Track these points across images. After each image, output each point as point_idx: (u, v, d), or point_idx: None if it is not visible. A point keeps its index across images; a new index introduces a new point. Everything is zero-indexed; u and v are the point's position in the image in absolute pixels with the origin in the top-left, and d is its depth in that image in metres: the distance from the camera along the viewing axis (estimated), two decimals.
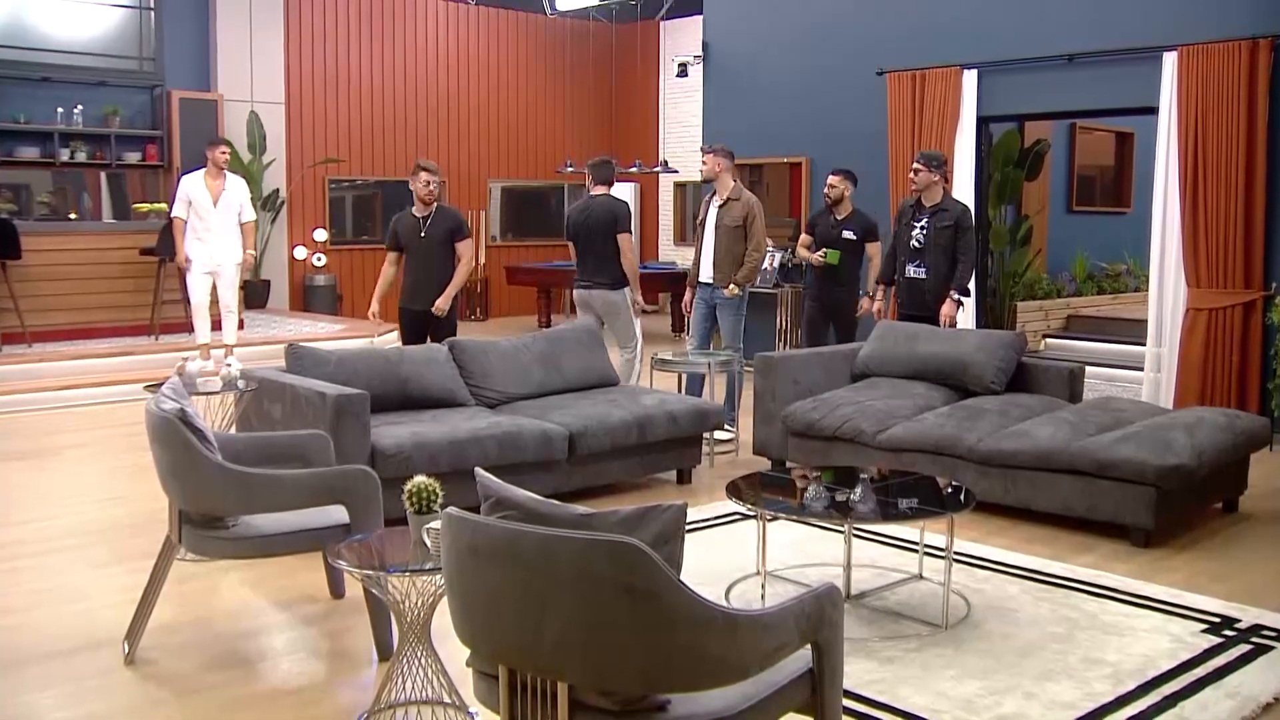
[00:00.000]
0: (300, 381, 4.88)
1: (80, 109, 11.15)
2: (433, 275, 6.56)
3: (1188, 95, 6.87)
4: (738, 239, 6.85)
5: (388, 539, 3.11)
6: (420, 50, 13.86)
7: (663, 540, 2.27)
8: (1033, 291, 10.05)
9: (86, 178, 11.38)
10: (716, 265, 6.95)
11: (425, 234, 6.60)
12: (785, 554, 4.52)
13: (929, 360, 5.90)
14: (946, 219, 6.52)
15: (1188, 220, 6.91)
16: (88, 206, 11.44)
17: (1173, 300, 7.05)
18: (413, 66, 13.80)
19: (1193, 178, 6.88)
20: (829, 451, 5.57)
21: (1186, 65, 6.88)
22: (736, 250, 6.86)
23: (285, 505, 3.47)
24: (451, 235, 6.62)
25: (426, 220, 6.63)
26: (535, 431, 5.08)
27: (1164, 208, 7.06)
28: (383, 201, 14.12)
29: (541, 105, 15.01)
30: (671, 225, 15.44)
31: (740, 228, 6.86)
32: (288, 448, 3.92)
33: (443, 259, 6.60)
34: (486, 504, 2.54)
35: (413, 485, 2.94)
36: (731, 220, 6.86)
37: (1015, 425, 5.16)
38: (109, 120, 11.32)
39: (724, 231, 6.90)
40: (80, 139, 11.15)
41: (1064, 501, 4.86)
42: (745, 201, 6.85)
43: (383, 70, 13.54)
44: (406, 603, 2.84)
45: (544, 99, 15.02)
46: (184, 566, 4.22)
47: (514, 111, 14.76)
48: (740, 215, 6.85)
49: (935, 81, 8.16)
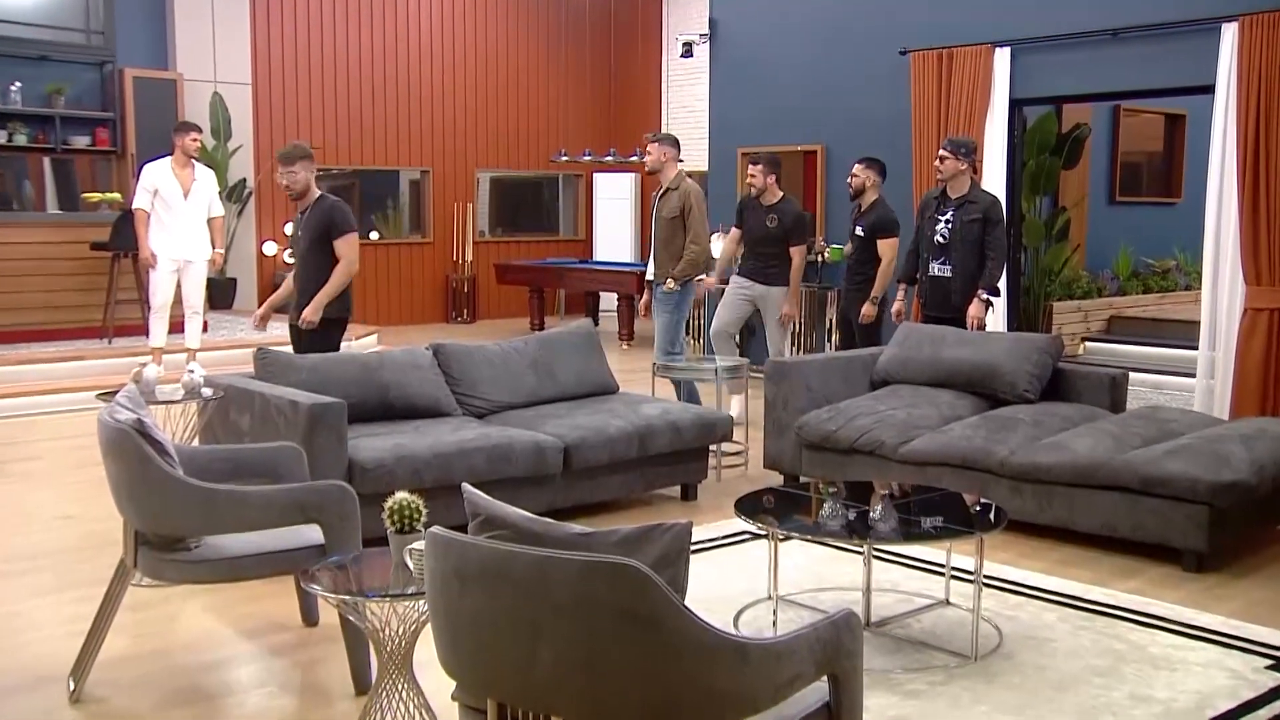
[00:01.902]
0: (270, 389, 4.88)
1: (19, 86, 10.95)
2: (308, 285, 5.88)
3: (1249, 71, 6.80)
4: (675, 231, 6.96)
5: (366, 561, 3.11)
6: (401, 27, 13.89)
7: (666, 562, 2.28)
8: (1070, 290, 10.07)
9: (28, 163, 11.27)
10: (655, 260, 7.11)
11: (298, 234, 6.02)
12: (799, 577, 4.52)
13: (955, 366, 5.91)
14: (974, 211, 6.53)
15: (1246, 211, 6.86)
16: (30, 196, 11.37)
17: (1229, 300, 7.01)
18: (393, 45, 13.83)
19: (1253, 163, 6.82)
20: (846, 465, 5.58)
21: (1248, 37, 6.80)
22: (675, 244, 6.95)
23: (253, 525, 3.48)
24: (325, 234, 5.86)
25: (301, 218, 5.99)
26: (527, 443, 5.08)
27: (1220, 197, 7.01)
28: (360, 192, 14.15)
29: (533, 89, 15.04)
30: None
31: (678, 219, 6.96)
32: (256, 461, 3.93)
33: (317, 265, 5.85)
34: (474, 523, 2.54)
35: (394, 502, 2.94)
36: (669, 211, 6.99)
37: (1051, 437, 5.17)
38: (53, 100, 11.13)
39: (661, 224, 7.05)
40: (20, 120, 10.98)
41: (1106, 521, 4.86)
42: (683, 191, 6.95)
43: (360, 49, 13.57)
44: (386, 631, 2.85)
45: (536, 82, 15.05)
46: (139, 593, 4.21)
47: (503, 96, 14.79)
48: (677, 205, 6.97)
49: (964, 61, 8.18)
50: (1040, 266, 9.73)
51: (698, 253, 6.91)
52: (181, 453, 3.64)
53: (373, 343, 10.50)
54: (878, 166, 7.51)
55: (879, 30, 8.82)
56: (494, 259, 14.46)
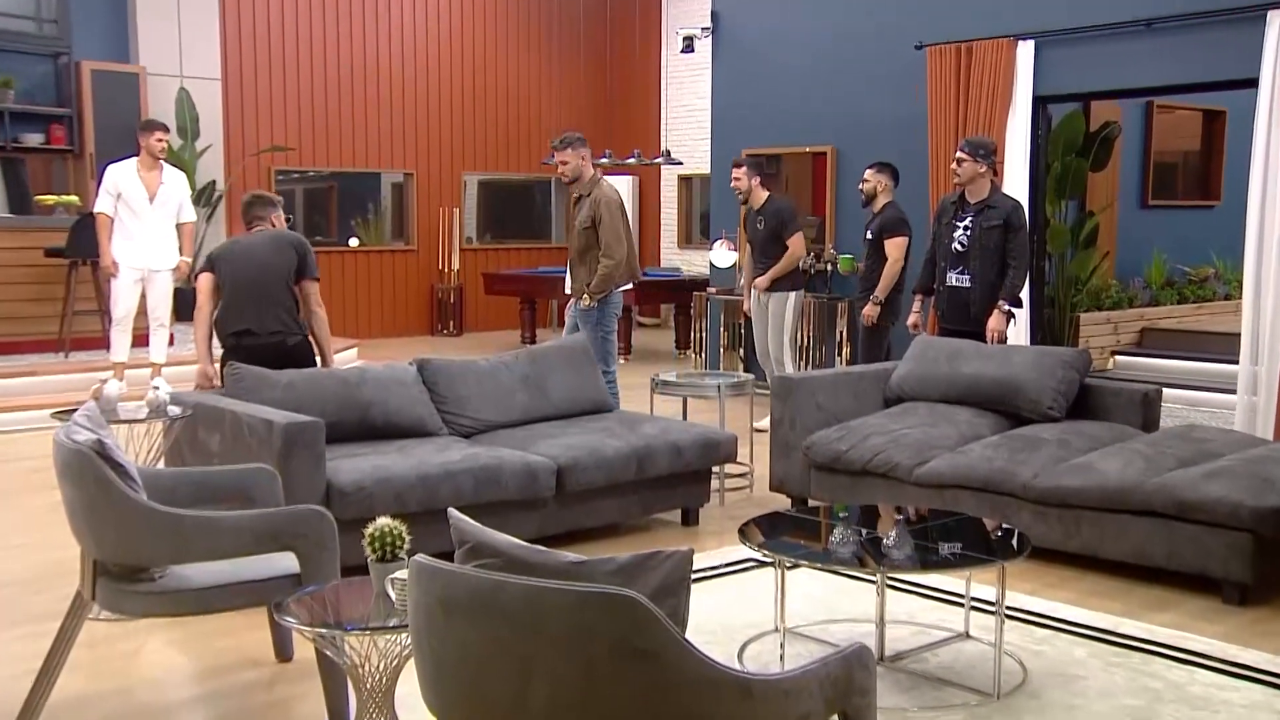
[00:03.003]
0: (242, 407, 4.88)
1: None
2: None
3: None
4: (588, 242, 6.96)
5: (345, 591, 3.12)
6: (383, 20, 13.94)
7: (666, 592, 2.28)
8: (1099, 301, 10.08)
9: None
10: (571, 273, 7.14)
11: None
12: (808, 608, 4.52)
13: (975, 382, 5.93)
14: (994, 217, 6.55)
15: None
16: None
17: (1273, 309, 6.99)
18: (374, 38, 13.89)
19: None
20: (858, 488, 5.59)
21: None
22: (589, 256, 6.96)
23: (223, 553, 3.48)
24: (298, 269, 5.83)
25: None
26: (518, 465, 5.09)
27: (1263, 199, 6.98)
28: (338, 196, 14.20)
29: (524, 86, 15.10)
30: (675, 225, 15.50)
31: (590, 229, 6.95)
32: (227, 485, 3.93)
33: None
34: (461, 550, 2.55)
35: (375, 529, 2.95)
36: (581, 220, 6.99)
37: (1078, 458, 5.17)
38: (1, 94, 11.05)
39: (574, 235, 7.07)
40: None
41: (1138, 549, 4.86)
42: (594, 199, 6.92)
43: (338, 42, 13.62)
44: (366, 666, 2.85)
45: (527, 79, 15.11)
46: (98, 627, 4.20)
47: (492, 93, 14.84)
48: (589, 215, 6.95)
49: (984, 55, 8.21)
50: (1066, 275, 9.75)
51: (610, 267, 6.82)
52: (145, 476, 3.65)
53: (353, 357, 10.50)
54: (889, 171, 7.58)
55: (893, 23, 8.85)
56: (482, 267, 14.48)
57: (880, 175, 7.56)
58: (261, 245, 5.81)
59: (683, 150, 14.17)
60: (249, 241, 5.88)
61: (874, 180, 7.56)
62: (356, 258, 14.09)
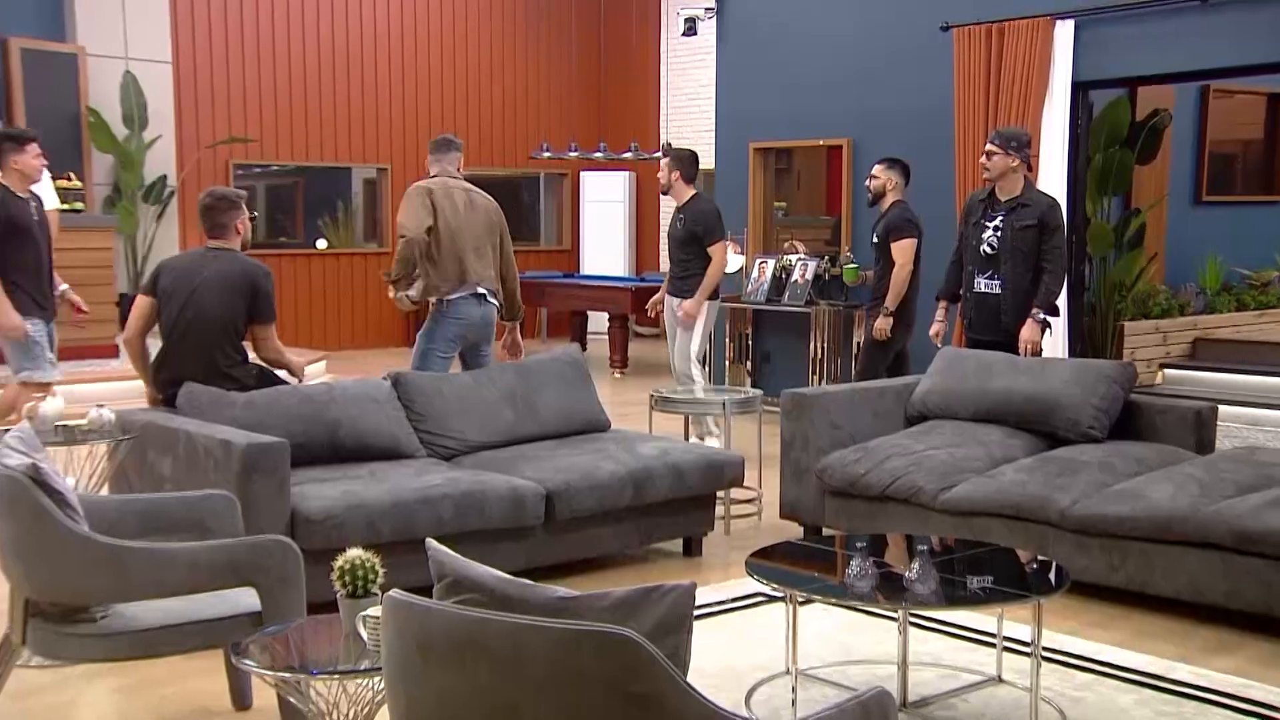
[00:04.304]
0: (197, 426, 4.88)
1: None
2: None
3: None
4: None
5: (311, 631, 3.12)
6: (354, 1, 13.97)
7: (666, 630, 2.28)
8: (1146, 308, 10.07)
9: None
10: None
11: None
12: (822, 648, 4.52)
13: (1006, 398, 5.93)
14: (1028, 216, 6.57)
15: None
16: None
17: None
18: (344, 20, 13.92)
19: None
20: (877, 515, 5.59)
21: None
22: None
23: (175, 589, 3.47)
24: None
25: None
26: (503, 490, 5.09)
27: None
28: (305, 193, 14.21)
29: (509, 73, 15.13)
30: None
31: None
32: (180, 513, 3.92)
33: None
34: (441, 585, 2.55)
35: (344, 561, 2.95)
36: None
37: (1123, 483, 5.18)
38: None
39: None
40: None
41: (1192, 584, 4.84)
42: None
43: (304, 23, 13.65)
44: (335, 714, 2.84)
45: (513, 65, 15.14)
46: (29, 675, 4.15)
47: (475, 81, 14.88)
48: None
49: (1017, 37, 8.22)
50: (1109, 280, 9.75)
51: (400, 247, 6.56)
52: (86, 504, 3.64)
53: (321, 371, 10.50)
54: (900, 167, 7.61)
55: (916, 2, 8.88)
56: None
57: (890, 172, 7.58)
58: (210, 287, 5.37)
59: (684, 143, 14.16)
60: (202, 278, 5.40)
61: (883, 177, 7.58)
62: (325, 261, 14.10)
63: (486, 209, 6.82)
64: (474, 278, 6.58)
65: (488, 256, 6.72)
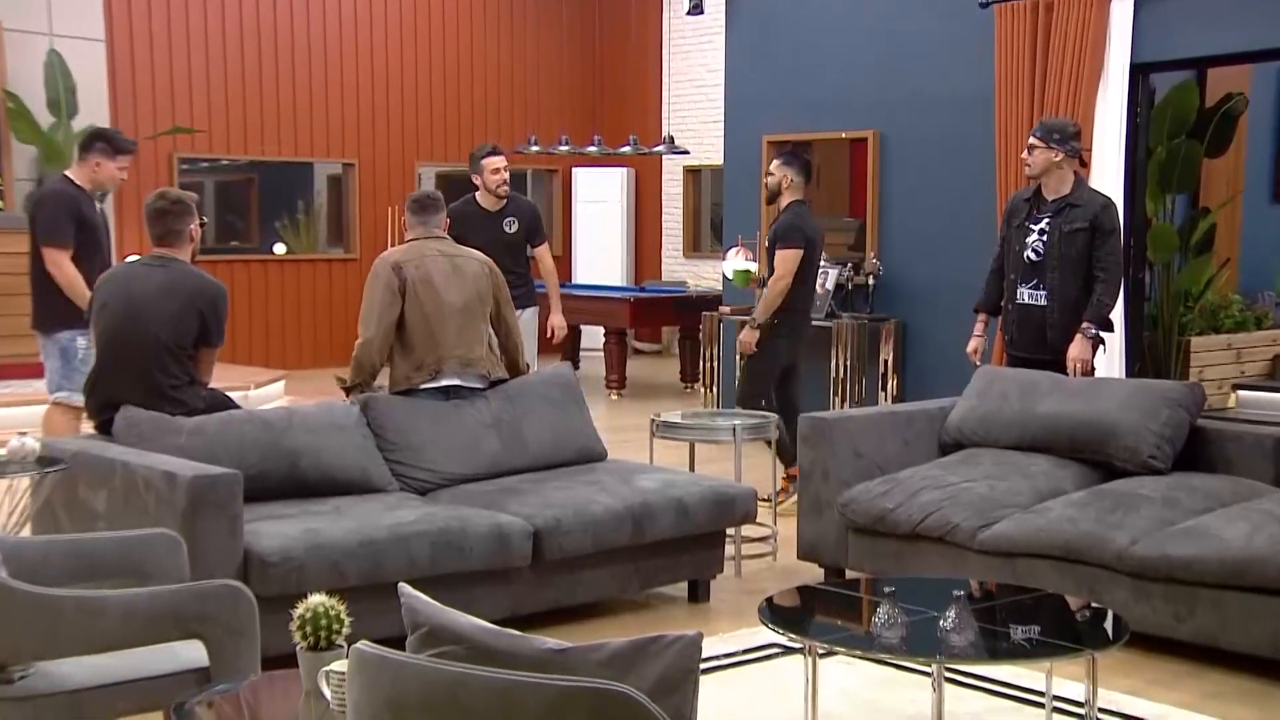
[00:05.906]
0: (137, 457, 4.88)
1: None
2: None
3: None
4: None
5: (266, 689, 3.11)
6: None
7: (668, 686, 2.28)
8: (1216, 321, 10.07)
9: None
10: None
11: None
12: (845, 707, 4.52)
13: (1054, 424, 5.93)
14: (1078, 218, 6.57)
15: None
16: None
17: None
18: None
19: None
20: (907, 555, 5.58)
21: None
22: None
23: (109, 643, 3.46)
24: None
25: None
26: (485, 527, 5.09)
27: None
28: (260, 191, 14.23)
29: (492, 58, 15.17)
30: (680, 230, 15.55)
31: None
32: (115, 555, 3.91)
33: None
34: (415, 636, 2.54)
35: (305, 609, 2.94)
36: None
37: (1190, 520, 5.17)
38: None
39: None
40: None
41: (1272, 639, 4.81)
42: None
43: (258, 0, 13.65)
44: None
45: (496, 49, 15.19)
46: None
47: (453, 67, 14.92)
48: None
49: (1067, 13, 8.22)
50: (1173, 289, 9.74)
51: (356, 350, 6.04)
52: (6, 546, 3.63)
53: (278, 393, 10.51)
54: (798, 164, 7.70)
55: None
56: None
57: (787, 169, 7.61)
58: (153, 300, 5.31)
59: (689, 136, 14.24)
60: (143, 289, 5.35)
61: (779, 174, 7.63)
62: (283, 268, 14.10)
63: (476, 275, 6.16)
64: (454, 365, 5.99)
65: (477, 331, 6.16)
